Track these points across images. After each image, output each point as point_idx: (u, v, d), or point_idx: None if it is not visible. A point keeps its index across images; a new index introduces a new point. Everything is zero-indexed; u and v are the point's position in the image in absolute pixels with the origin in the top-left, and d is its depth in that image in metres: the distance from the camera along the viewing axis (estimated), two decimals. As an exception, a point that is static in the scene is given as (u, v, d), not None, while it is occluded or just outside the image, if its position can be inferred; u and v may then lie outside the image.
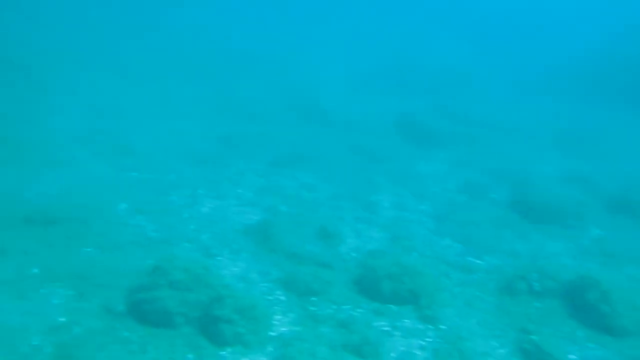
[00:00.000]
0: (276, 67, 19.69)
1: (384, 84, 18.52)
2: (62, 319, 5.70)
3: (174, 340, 5.66)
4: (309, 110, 14.96)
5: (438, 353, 6.16)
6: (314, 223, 9.11)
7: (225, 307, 5.88)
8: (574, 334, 6.83)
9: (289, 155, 12.07)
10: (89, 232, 7.66)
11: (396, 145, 13.53)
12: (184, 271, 6.16)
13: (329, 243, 8.61)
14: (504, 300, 7.51)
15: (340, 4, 27.25)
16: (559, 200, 10.27)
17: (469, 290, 7.74)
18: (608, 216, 10.57)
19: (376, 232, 9.36)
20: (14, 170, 9.19)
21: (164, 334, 5.71)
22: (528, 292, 7.57)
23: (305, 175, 11.44)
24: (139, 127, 12.53)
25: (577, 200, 10.44)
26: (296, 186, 10.90)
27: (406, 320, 6.75)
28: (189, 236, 8.14)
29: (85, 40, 18.36)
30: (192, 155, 11.59)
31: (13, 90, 12.69)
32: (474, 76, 20.31)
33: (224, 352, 5.63)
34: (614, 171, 12.91)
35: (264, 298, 6.72)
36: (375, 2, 28.04)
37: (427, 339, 6.43)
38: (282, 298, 6.83)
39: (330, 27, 24.70)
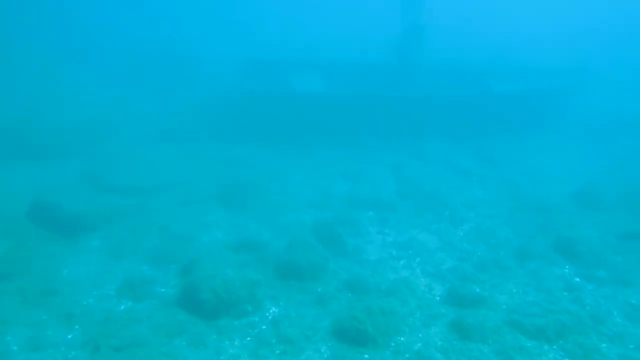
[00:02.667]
0: None
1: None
2: None
3: None
4: None
5: None
6: None
7: None
8: None
9: None
10: None
11: (31, 243, 10.51)
12: None
13: None
14: None
15: None
16: (230, 285, 9.29)
17: None
18: (280, 285, 10.11)
19: (-1, 406, 6.70)
20: None
21: None
22: None
23: None
24: None
25: (248, 278, 9.57)
26: None
27: None
28: None
29: None
30: None
31: None
32: (119, 125, 17.36)
33: None
34: (274, 226, 12.59)
35: None
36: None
37: None
38: None
39: None
